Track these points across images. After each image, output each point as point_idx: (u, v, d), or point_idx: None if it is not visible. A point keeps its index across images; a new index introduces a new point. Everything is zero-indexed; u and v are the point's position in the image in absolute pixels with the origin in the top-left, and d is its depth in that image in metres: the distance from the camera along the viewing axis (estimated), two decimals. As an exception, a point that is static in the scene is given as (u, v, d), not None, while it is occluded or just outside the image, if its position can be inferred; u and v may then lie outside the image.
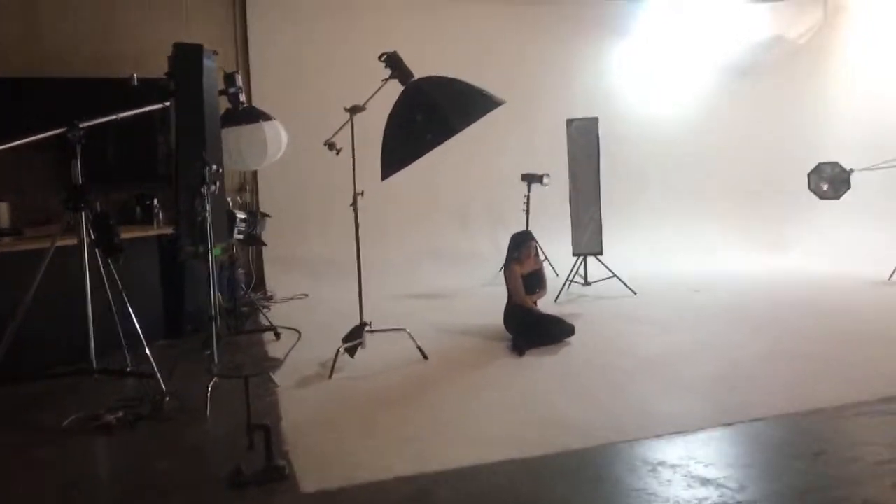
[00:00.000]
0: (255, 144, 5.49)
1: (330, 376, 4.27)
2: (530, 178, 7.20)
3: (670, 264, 7.81)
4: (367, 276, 4.75)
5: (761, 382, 3.95)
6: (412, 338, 4.69)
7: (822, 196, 7.38)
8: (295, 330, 5.38)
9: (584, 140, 6.69)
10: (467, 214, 7.98)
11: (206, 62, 4.14)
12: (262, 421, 3.48)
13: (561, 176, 6.93)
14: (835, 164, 7.28)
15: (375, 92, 4.43)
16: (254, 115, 5.52)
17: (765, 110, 8.66)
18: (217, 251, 4.14)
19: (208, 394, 3.68)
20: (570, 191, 6.77)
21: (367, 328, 4.61)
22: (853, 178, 7.14)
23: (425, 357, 4.61)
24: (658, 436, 3.21)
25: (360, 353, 4.53)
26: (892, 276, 6.82)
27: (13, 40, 5.99)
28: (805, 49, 8.65)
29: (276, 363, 3.34)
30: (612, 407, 3.63)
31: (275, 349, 5.01)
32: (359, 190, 4.52)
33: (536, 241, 5.33)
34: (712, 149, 8.59)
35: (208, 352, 3.98)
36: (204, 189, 3.86)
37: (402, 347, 4.69)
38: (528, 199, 7.18)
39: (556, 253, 7.03)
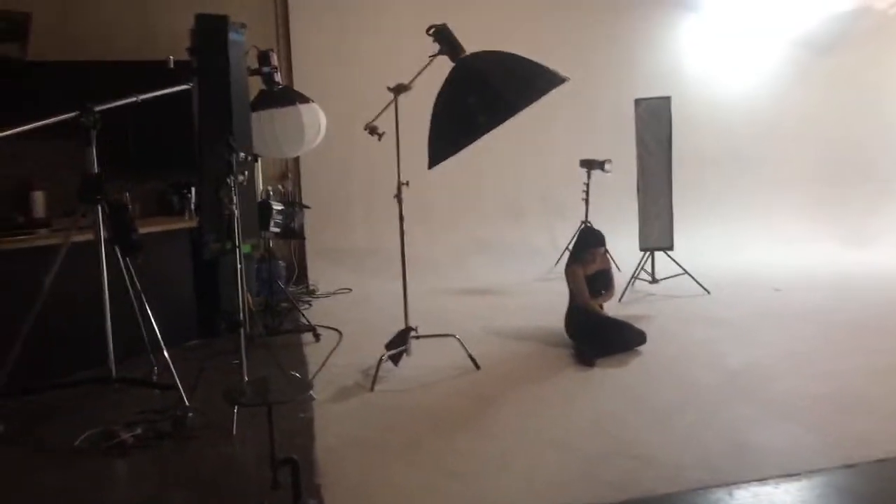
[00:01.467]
0: (292, 129, 5.02)
1: (371, 388, 3.83)
2: (590, 165, 6.64)
3: (745, 259, 7.09)
4: (412, 271, 4.33)
5: (877, 405, 3.33)
6: (462, 345, 4.21)
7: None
8: (336, 330, 4.99)
9: (654, 122, 6.05)
10: (520, 204, 7.44)
11: (233, 36, 3.69)
12: (293, 441, 3.11)
13: (623, 162, 6.33)
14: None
15: (422, 69, 3.94)
16: (289, 98, 5.05)
17: (850, 90, 7.80)
18: (247, 248, 3.73)
19: (234, 411, 3.27)
20: (637, 179, 6.14)
21: (413, 333, 4.15)
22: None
23: (477, 367, 4.13)
24: (762, 480, 2.65)
25: (404, 360, 4.09)
26: None
27: (50, 24, 5.64)
28: (895, 21, 7.80)
29: (305, 388, 2.90)
30: (701, 437, 3.08)
31: (314, 352, 4.59)
32: (404, 179, 4.07)
33: (606, 247, 4.76)
34: (791, 133, 7.81)
35: (237, 361, 3.56)
36: (230, 179, 3.43)
37: (451, 354, 4.22)
38: (587, 187, 6.63)
39: (619, 246, 6.41)
